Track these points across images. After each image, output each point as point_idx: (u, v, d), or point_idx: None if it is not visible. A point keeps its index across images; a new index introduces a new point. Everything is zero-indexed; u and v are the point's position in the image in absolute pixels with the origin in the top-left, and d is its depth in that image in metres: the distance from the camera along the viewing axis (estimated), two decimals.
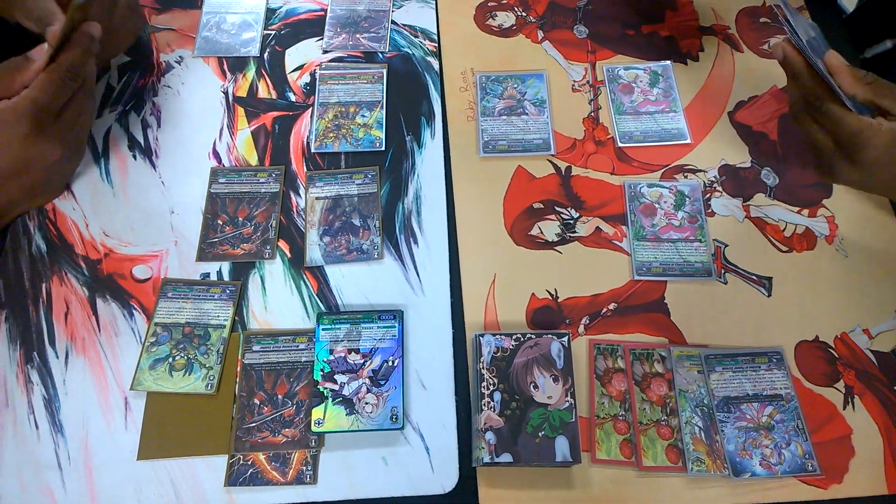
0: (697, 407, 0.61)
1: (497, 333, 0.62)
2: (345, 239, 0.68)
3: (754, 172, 0.74)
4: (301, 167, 0.72)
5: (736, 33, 0.84)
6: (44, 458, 0.57)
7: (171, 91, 0.77)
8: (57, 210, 0.68)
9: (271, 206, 0.69)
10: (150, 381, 0.60)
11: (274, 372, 0.61)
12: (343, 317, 0.63)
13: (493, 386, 0.59)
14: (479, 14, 0.85)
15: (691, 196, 0.72)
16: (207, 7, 0.82)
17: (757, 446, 0.59)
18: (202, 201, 0.69)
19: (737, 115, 0.77)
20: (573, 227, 0.70)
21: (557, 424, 0.58)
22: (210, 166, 0.72)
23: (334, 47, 0.80)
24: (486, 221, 0.70)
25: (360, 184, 0.71)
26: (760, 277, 0.68)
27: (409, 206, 0.70)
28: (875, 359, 0.64)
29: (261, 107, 0.76)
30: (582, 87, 0.79)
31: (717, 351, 0.63)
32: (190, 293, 0.64)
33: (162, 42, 0.80)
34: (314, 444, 0.58)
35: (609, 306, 0.66)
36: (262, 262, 0.67)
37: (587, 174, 0.73)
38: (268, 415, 0.59)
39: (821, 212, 0.72)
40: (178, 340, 0.62)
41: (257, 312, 0.64)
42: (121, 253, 0.67)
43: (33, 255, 0.66)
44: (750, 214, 0.71)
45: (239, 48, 0.80)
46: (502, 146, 0.74)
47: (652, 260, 0.68)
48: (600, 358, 0.63)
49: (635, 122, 0.76)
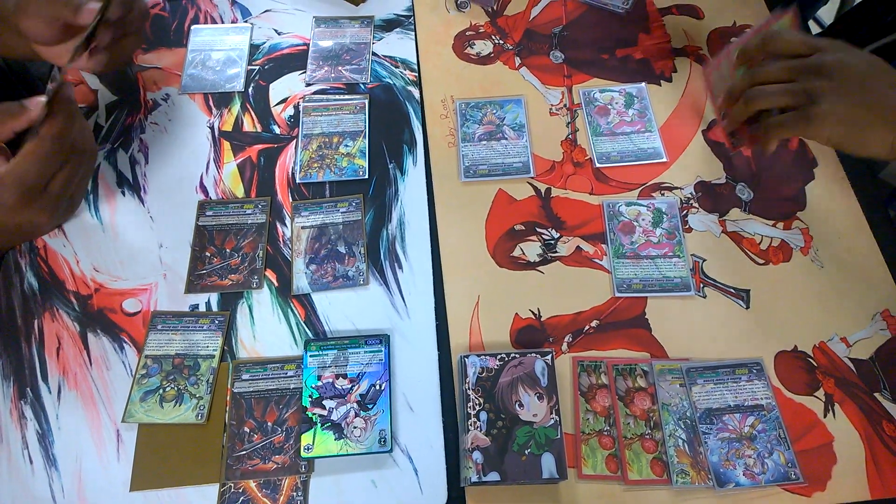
0: (680, 420, 0.62)
1: (482, 354, 0.63)
2: (331, 266, 0.69)
3: (729, 188, 0.76)
4: (286, 197, 0.74)
5: (708, 54, 0.86)
6: (38, 492, 0.58)
7: (159, 128, 0.79)
8: (48, 248, 0.70)
9: (258, 237, 0.71)
10: (142, 412, 0.61)
11: (263, 400, 0.62)
12: (330, 343, 0.64)
13: (479, 406, 0.60)
14: (458, 43, 0.87)
15: (668, 213, 0.73)
16: (193, 45, 0.85)
17: (740, 457, 0.60)
18: (190, 234, 0.71)
19: (710, 133, 0.80)
20: (554, 248, 0.72)
21: (543, 442, 0.59)
22: (197, 200, 0.73)
23: (317, 80, 0.82)
24: (468, 244, 0.72)
25: (345, 212, 0.72)
26: (738, 290, 0.69)
27: (394, 232, 0.72)
28: (853, 366, 0.65)
29: (246, 140, 0.78)
30: (559, 111, 0.81)
31: (698, 364, 0.65)
32: (179, 325, 0.65)
33: (149, 80, 0.82)
34: (304, 470, 0.59)
35: (591, 323, 0.67)
36: (249, 292, 0.68)
37: (567, 195, 0.75)
38: (258, 442, 0.60)
39: (795, 224, 0.73)
40: (168, 372, 0.63)
41: (246, 341, 0.65)
42: (111, 287, 0.68)
43: (25, 293, 0.67)
44: (726, 229, 0.73)
45: (224, 84, 0.82)
46: (483, 170, 0.76)
47: (632, 277, 0.69)
48: (584, 374, 0.64)
49: (612, 142, 0.78)
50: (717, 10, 0.90)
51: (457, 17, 0.90)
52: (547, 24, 0.89)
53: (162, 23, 0.87)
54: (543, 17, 0.90)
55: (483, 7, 0.90)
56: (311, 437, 0.59)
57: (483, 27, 0.89)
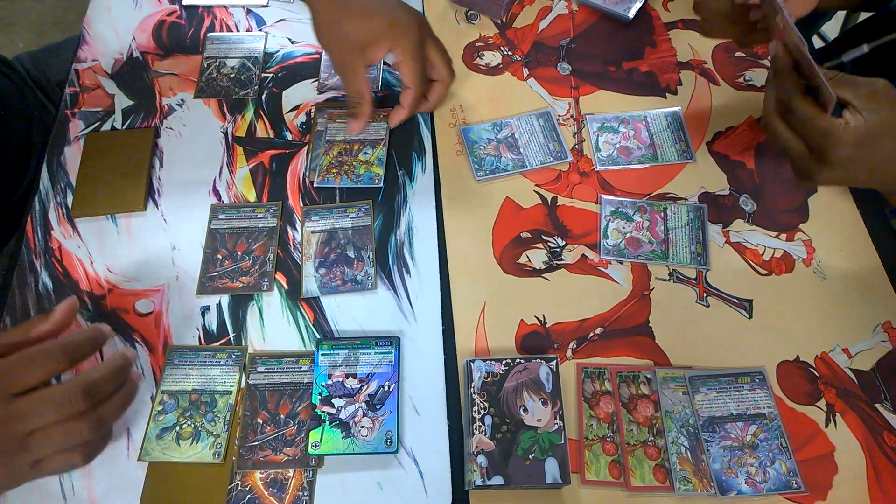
0: (683, 427, 0.63)
1: (487, 359, 0.64)
2: (340, 270, 0.70)
3: (733, 199, 0.77)
4: (297, 202, 0.75)
5: (712, 68, 0.88)
6: (50, 489, 0.59)
7: (174, 132, 0.80)
8: (63, 248, 0.71)
9: (269, 241, 0.72)
10: (158, 450, 0.60)
11: (277, 392, 0.63)
12: (342, 342, 0.65)
13: (484, 410, 0.61)
14: (468, 54, 0.89)
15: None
16: (208, 52, 0.87)
17: (742, 465, 0.61)
18: (203, 237, 0.72)
19: (715, 145, 0.81)
20: (560, 255, 0.73)
21: (547, 447, 0.59)
22: (210, 203, 0.75)
23: (329, 88, 0.84)
24: (475, 251, 0.73)
25: (355, 217, 0.73)
26: (741, 300, 0.70)
27: (402, 237, 0.73)
28: (855, 377, 0.66)
29: (258, 146, 0.79)
30: (566, 121, 0.82)
31: (701, 372, 0.65)
32: (196, 359, 0.65)
33: (164, 86, 0.84)
34: (314, 463, 0.60)
35: (596, 330, 0.68)
36: (260, 295, 0.69)
37: (573, 204, 0.76)
38: (270, 434, 0.61)
39: (798, 236, 0.74)
40: (184, 408, 0.62)
41: (256, 343, 0.66)
42: (124, 288, 0.69)
43: (39, 293, 0.69)
44: (730, 239, 0.74)
45: (238, 90, 0.83)
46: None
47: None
48: (588, 381, 0.65)
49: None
50: None
51: (466, 29, 0.91)
52: (555, 37, 0.91)
53: (178, 31, 0.89)
54: (551, 29, 0.91)
55: (492, 19, 0.92)
56: (319, 435, 0.60)
57: (492, 39, 0.90)
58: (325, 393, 0.62)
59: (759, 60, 0.88)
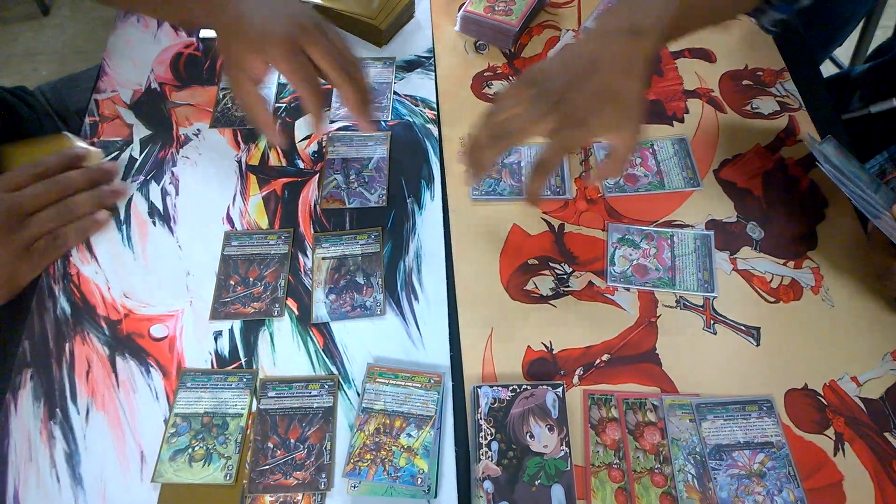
0: (690, 455, 0.63)
1: (494, 385, 0.65)
2: (349, 296, 0.71)
3: (740, 227, 0.77)
4: (308, 229, 0.77)
5: (720, 96, 0.89)
6: None
7: (189, 161, 0.83)
8: (81, 274, 0.73)
9: (280, 267, 0.73)
10: (171, 472, 0.61)
11: (287, 417, 0.64)
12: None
13: (490, 436, 0.62)
14: (476, 83, 0.91)
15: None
16: (224, 83, 0.89)
17: (749, 493, 0.61)
18: (216, 263, 0.74)
19: (722, 173, 0.82)
20: (567, 282, 0.73)
21: (553, 473, 0.60)
22: (224, 230, 0.76)
23: (340, 118, 0.86)
24: (483, 278, 0.74)
25: (364, 244, 0.75)
26: (749, 327, 0.70)
27: (410, 264, 0.74)
28: (864, 405, 0.66)
29: (271, 174, 0.81)
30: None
31: (708, 400, 0.66)
32: (208, 382, 0.66)
33: (181, 116, 0.86)
34: (323, 487, 0.60)
35: (602, 357, 0.69)
36: (271, 320, 0.70)
37: (579, 231, 0.77)
38: (280, 458, 0.62)
39: (806, 263, 0.75)
40: (197, 430, 0.64)
41: (267, 368, 0.67)
42: (140, 313, 0.71)
43: (58, 317, 0.71)
44: (737, 267, 0.74)
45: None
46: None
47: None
48: (594, 407, 0.65)
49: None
50: (729, 53, 0.93)
51: (475, 59, 0.93)
52: None
53: (195, 63, 0.92)
54: None
55: (501, 49, 0.94)
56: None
57: (500, 68, 0.92)
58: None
59: (767, 88, 0.89)
